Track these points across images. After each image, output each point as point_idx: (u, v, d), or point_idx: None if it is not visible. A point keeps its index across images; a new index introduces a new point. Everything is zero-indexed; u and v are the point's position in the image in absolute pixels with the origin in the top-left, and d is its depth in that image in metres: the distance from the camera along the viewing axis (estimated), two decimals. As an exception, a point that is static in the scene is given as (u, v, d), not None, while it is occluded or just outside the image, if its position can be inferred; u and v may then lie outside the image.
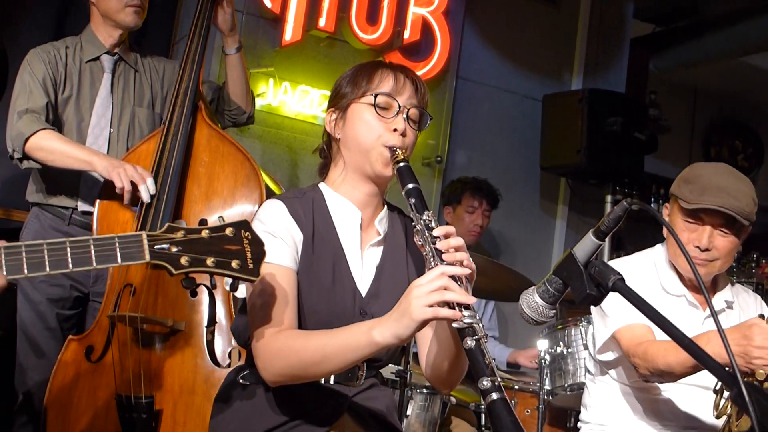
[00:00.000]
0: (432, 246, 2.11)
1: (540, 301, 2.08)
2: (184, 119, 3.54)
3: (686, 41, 7.87)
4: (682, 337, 1.76)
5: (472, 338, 1.97)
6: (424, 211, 2.20)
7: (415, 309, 1.98)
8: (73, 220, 3.72)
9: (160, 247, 1.91)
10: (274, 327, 2.20)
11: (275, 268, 2.25)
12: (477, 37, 6.29)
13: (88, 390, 3.32)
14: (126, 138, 3.78)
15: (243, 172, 3.49)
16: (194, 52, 3.69)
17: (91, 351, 3.36)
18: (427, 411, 4.17)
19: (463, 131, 6.16)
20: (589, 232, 2.00)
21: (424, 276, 2.03)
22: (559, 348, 4.25)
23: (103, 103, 3.78)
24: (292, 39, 5.40)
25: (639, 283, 3.07)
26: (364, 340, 2.07)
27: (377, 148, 2.34)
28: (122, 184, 3.37)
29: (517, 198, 6.23)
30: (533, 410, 4.39)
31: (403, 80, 2.38)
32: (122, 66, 3.86)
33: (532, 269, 5.83)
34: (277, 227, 2.30)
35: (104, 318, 3.38)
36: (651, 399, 3.11)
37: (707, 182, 2.96)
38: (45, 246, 1.82)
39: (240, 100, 3.98)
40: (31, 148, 3.51)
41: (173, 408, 3.23)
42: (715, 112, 9.08)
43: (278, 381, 2.22)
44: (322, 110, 5.53)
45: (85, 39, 3.83)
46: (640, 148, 6.26)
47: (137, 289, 3.35)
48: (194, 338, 3.31)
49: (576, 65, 6.72)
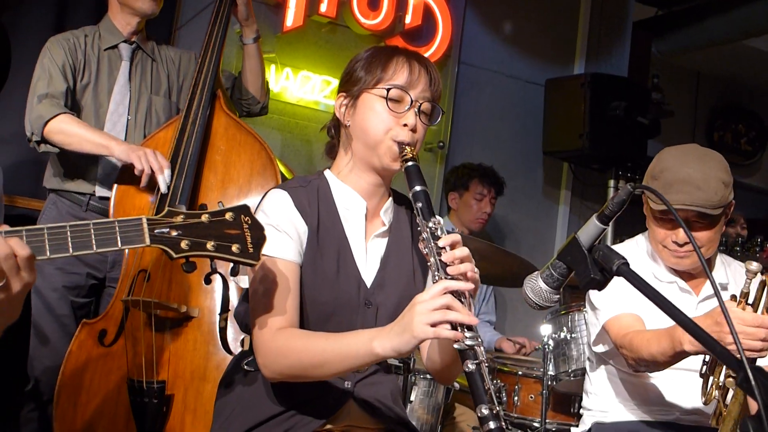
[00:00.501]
0: (437, 258, 2.10)
1: (544, 286, 2.07)
2: (203, 107, 3.58)
3: (689, 25, 7.84)
4: (686, 321, 1.75)
5: (473, 361, 1.97)
6: (431, 217, 2.17)
7: (417, 326, 1.97)
8: (91, 206, 3.76)
9: (160, 231, 1.92)
10: (275, 324, 2.20)
11: (278, 262, 2.24)
12: (479, 22, 6.27)
13: (100, 373, 3.35)
14: (143, 125, 3.82)
15: (259, 161, 3.51)
16: (214, 40, 3.74)
17: (104, 335, 3.39)
18: (431, 397, 4.17)
19: (465, 116, 6.15)
20: (592, 217, 1.99)
21: (427, 291, 2.02)
22: (563, 333, 4.26)
23: (121, 90, 3.82)
24: (293, 25, 5.38)
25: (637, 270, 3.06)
26: (363, 350, 2.07)
27: (386, 142, 2.31)
28: (142, 166, 3.41)
29: (519, 183, 6.22)
30: (537, 396, 4.39)
31: (418, 72, 2.34)
32: (140, 54, 3.91)
33: (535, 254, 5.83)
34: (281, 220, 2.28)
35: (118, 302, 3.41)
36: (651, 386, 3.10)
37: (672, 177, 2.93)
38: (45, 230, 1.82)
39: (255, 90, 4.04)
40: (50, 131, 3.54)
41: (184, 393, 3.26)
42: (717, 95, 9.06)
43: (277, 379, 2.23)
44: (324, 96, 5.52)
45: (103, 28, 3.87)
46: (642, 133, 6.24)
47: (152, 274, 3.38)
48: (207, 325, 3.34)
49: (578, 49, 6.69)
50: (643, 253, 3.18)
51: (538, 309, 2.11)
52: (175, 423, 3.24)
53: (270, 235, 2.16)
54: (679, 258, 3.02)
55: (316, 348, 2.14)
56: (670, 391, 3.08)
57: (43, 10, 5.23)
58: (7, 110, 5.17)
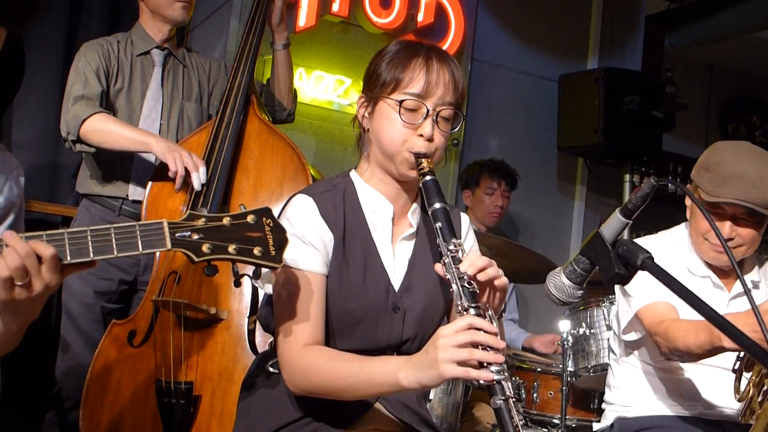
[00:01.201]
0: (459, 284, 2.06)
1: (567, 282, 2.06)
2: (236, 112, 3.60)
3: (702, 18, 7.81)
4: (713, 314, 1.74)
5: (500, 398, 1.95)
6: (451, 238, 2.14)
7: (443, 365, 1.94)
8: (124, 210, 3.78)
9: (182, 234, 1.90)
10: (300, 339, 2.18)
11: (304, 275, 2.22)
12: (491, 19, 6.25)
13: (128, 373, 3.38)
14: (176, 131, 3.84)
15: (291, 166, 3.53)
16: (250, 45, 3.77)
17: (133, 335, 3.42)
18: (450, 395, 4.16)
19: (479, 114, 6.13)
20: (615, 211, 1.98)
21: (451, 325, 1.98)
22: (582, 329, 4.23)
23: (154, 95, 3.85)
24: (306, 25, 5.37)
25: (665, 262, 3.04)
26: (389, 381, 2.06)
27: (402, 153, 2.27)
28: (176, 168, 3.42)
29: (534, 179, 6.20)
30: (556, 392, 4.38)
31: (436, 77, 2.26)
32: (171, 60, 3.94)
33: (551, 250, 5.82)
34: (306, 230, 2.25)
35: (148, 303, 3.43)
36: (675, 380, 3.09)
37: (727, 171, 2.90)
38: (66, 235, 1.81)
39: (283, 97, 4.08)
40: (87, 130, 3.55)
41: (211, 395, 3.27)
42: (731, 88, 9.02)
43: (301, 394, 2.23)
44: (337, 95, 5.51)
45: (135, 34, 3.91)
46: (657, 127, 6.22)
47: (182, 276, 3.40)
48: (235, 327, 3.35)
49: (591, 44, 6.67)
50: (677, 246, 3.16)
51: (561, 305, 2.10)
52: (202, 424, 3.25)
53: (295, 246, 2.16)
54: (718, 253, 3.00)
55: (342, 372, 2.13)
56: (693, 386, 3.06)
57: (56, 18, 5.25)
58: (22, 116, 5.20)
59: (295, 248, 2.18)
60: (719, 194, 2.89)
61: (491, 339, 1.94)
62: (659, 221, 3.21)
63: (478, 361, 1.93)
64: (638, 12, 6.94)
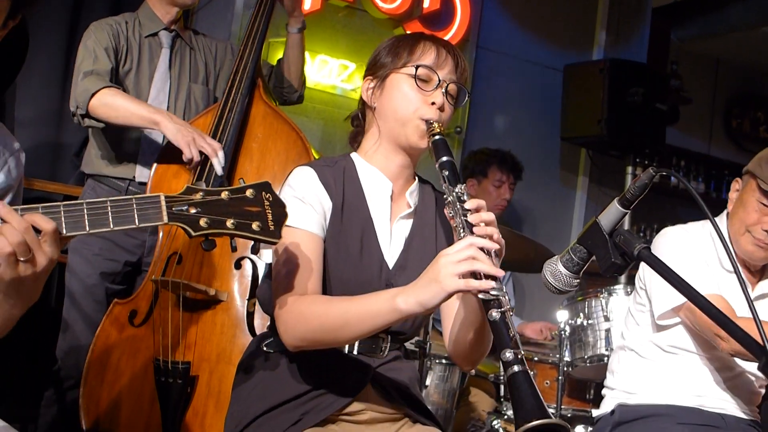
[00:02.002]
0: (462, 218, 2.09)
1: (564, 270, 2.05)
2: (242, 95, 3.59)
3: (708, 11, 7.79)
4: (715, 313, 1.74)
5: (498, 310, 1.95)
6: (456, 183, 2.17)
7: (445, 278, 1.96)
8: (130, 192, 3.75)
9: (179, 208, 1.88)
10: (297, 293, 2.19)
11: (302, 233, 2.24)
12: (497, 7, 6.24)
13: (128, 353, 3.38)
14: (183, 113, 3.81)
15: (295, 150, 3.52)
16: (257, 28, 3.75)
17: (134, 315, 3.42)
18: (446, 381, 4.18)
19: (483, 101, 6.12)
20: (614, 200, 1.97)
21: (453, 246, 2.01)
22: (579, 320, 4.24)
23: (162, 77, 3.82)
24: (311, 8, 5.36)
25: (702, 253, 3.04)
26: (386, 307, 2.05)
27: (414, 120, 2.32)
28: (191, 155, 3.39)
29: (537, 169, 6.19)
30: (553, 382, 4.39)
31: (445, 55, 2.36)
32: (179, 42, 3.91)
33: (552, 240, 5.81)
34: (307, 193, 2.29)
35: (149, 283, 3.43)
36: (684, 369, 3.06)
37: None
38: (62, 207, 1.79)
39: (294, 79, 4.06)
40: (96, 104, 3.52)
41: (209, 376, 3.28)
42: (737, 83, 8.99)
43: (299, 346, 2.21)
44: (341, 80, 5.51)
45: (142, 15, 3.88)
46: (661, 119, 6.22)
47: (183, 256, 3.40)
48: (235, 309, 3.35)
49: (597, 35, 6.66)
50: (708, 237, 3.12)
51: (557, 293, 2.09)
52: (199, 404, 3.26)
53: (295, 206, 2.18)
54: (758, 247, 2.98)
55: (338, 309, 2.13)
56: (701, 376, 3.05)
57: (59, 0, 5.26)
58: (25, 95, 5.20)
59: (295, 208, 2.21)
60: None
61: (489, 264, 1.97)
62: (661, 213, 3.19)
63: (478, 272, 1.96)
64: (645, 4, 6.93)
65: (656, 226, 7.10)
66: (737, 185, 3.11)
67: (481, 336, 2.23)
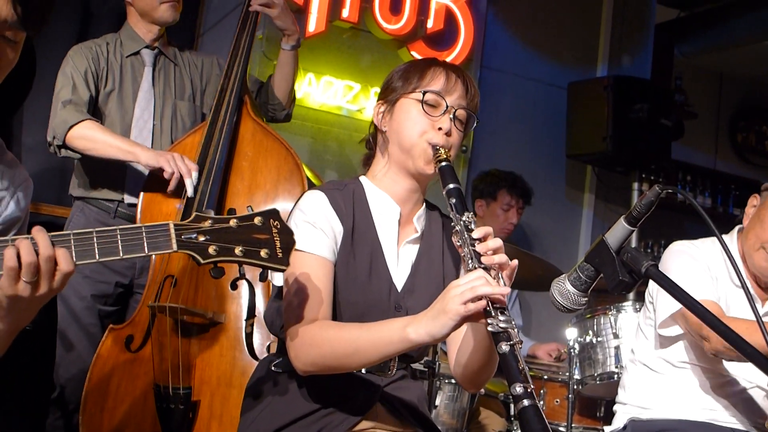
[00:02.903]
0: (471, 248, 2.10)
1: (572, 289, 2.06)
2: (230, 113, 3.57)
3: (711, 26, 7.80)
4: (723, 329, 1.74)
5: (507, 343, 1.97)
6: (464, 211, 2.19)
7: (454, 310, 1.98)
8: (119, 213, 3.75)
9: (188, 236, 1.89)
10: (309, 318, 2.20)
11: (313, 258, 2.26)
12: (501, 26, 6.26)
13: (126, 379, 3.36)
14: (170, 131, 3.82)
15: (286, 167, 3.50)
16: (242, 46, 3.74)
17: (131, 341, 3.40)
18: (456, 401, 4.17)
19: (488, 120, 6.13)
20: (620, 218, 1.98)
21: (463, 277, 2.03)
22: (589, 337, 4.23)
23: (146, 96, 3.81)
24: (315, 30, 5.38)
25: (714, 269, 3.04)
26: (397, 336, 2.08)
27: (421, 145, 2.34)
28: (171, 169, 3.39)
29: (542, 186, 6.19)
30: (563, 400, 4.38)
31: (455, 80, 2.38)
32: (162, 60, 3.91)
33: (559, 258, 5.81)
34: (318, 218, 2.30)
35: (145, 308, 3.41)
36: (697, 384, 3.06)
37: None
38: (72, 236, 1.81)
39: (283, 97, 4.03)
40: (73, 136, 3.52)
41: (210, 400, 3.26)
42: (741, 97, 9.00)
43: (309, 371, 2.22)
44: (346, 101, 5.52)
45: (124, 35, 3.88)
46: (666, 135, 6.21)
47: (178, 280, 3.38)
48: (233, 331, 3.33)
49: (601, 52, 6.66)
50: (719, 253, 3.11)
51: (565, 312, 2.10)
52: (201, 429, 3.24)
53: (307, 231, 2.21)
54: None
55: (349, 336, 2.15)
56: (712, 391, 3.05)
57: (67, 22, 5.28)
58: (33, 119, 5.22)
59: (306, 233, 2.24)
60: None
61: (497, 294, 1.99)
62: (668, 229, 3.19)
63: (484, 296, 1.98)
64: (648, 20, 6.94)
65: (663, 242, 7.08)
66: (755, 201, 3.11)
67: (489, 360, 2.24)
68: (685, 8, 7.92)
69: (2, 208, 2.06)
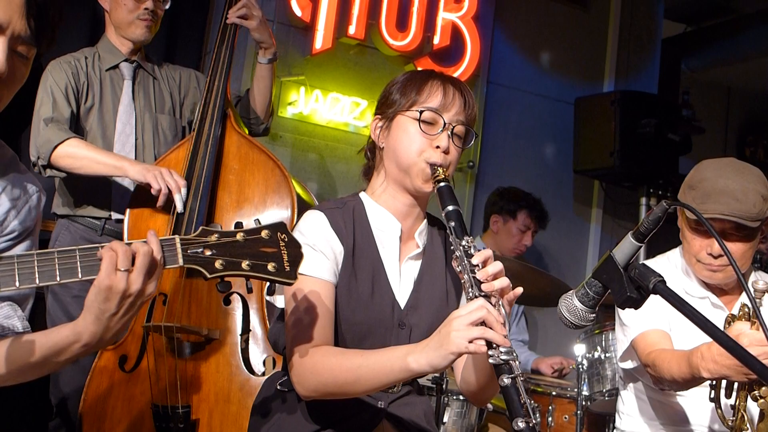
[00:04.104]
0: (471, 275, 2.08)
1: (580, 305, 2.05)
2: (214, 127, 3.54)
3: (718, 40, 7.80)
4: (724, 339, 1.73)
5: (508, 376, 1.96)
6: (463, 235, 2.17)
7: (454, 341, 1.97)
8: (107, 230, 3.70)
9: (194, 251, 1.86)
10: (310, 343, 2.20)
11: (314, 282, 2.25)
12: (507, 42, 6.27)
13: (122, 399, 3.33)
14: (152, 145, 3.78)
15: (274, 179, 3.48)
16: (222, 60, 3.71)
17: (125, 360, 3.37)
18: (464, 418, 4.14)
19: (495, 136, 6.14)
20: (628, 234, 1.97)
21: (463, 308, 2.01)
22: (597, 353, 4.21)
23: (126, 110, 3.78)
24: (322, 47, 5.40)
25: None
26: (398, 366, 2.07)
27: (419, 164, 2.32)
28: (159, 186, 3.36)
29: (550, 202, 6.17)
30: (571, 416, 4.35)
31: (452, 95, 2.35)
32: (141, 73, 3.87)
33: (567, 273, 5.80)
34: (318, 240, 2.29)
35: (138, 328, 3.37)
36: (678, 405, 3.06)
37: (710, 187, 2.88)
38: (77, 252, 1.79)
39: (261, 111, 4.00)
40: (59, 155, 3.47)
41: (209, 417, 3.23)
42: (748, 111, 8.99)
43: (312, 396, 2.22)
44: (353, 117, 5.53)
45: (102, 48, 3.84)
46: (673, 150, 6.20)
47: (170, 297, 3.35)
48: (228, 346, 3.31)
49: (607, 67, 6.67)
50: (674, 269, 3.13)
51: (573, 328, 2.09)
52: (201, 447, 3.22)
53: (307, 254, 2.17)
54: (712, 271, 2.96)
55: (351, 364, 2.14)
56: (698, 411, 3.04)
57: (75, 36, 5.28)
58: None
59: (306, 256, 2.20)
60: (703, 210, 2.84)
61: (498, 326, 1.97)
62: (676, 244, 3.18)
63: (488, 340, 1.95)
64: (655, 35, 6.94)
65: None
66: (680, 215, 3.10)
67: (491, 381, 2.22)
68: (692, 23, 7.93)
69: (11, 219, 2.06)
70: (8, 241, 2.06)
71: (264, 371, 3.23)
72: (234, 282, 1.96)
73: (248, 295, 3.27)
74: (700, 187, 2.91)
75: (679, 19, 7.82)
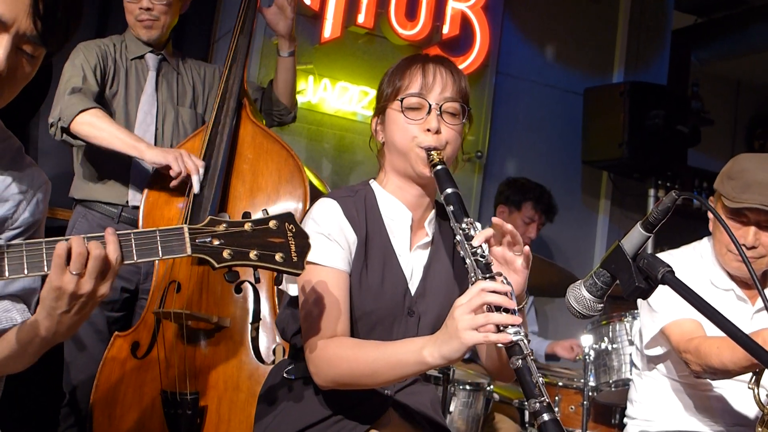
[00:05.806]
0: (471, 259, 2.09)
1: (587, 295, 2.05)
2: (229, 116, 3.55)
3: (728, 32, 7.76)
4: (735, 331, 1.73)
5: (518, 357, 1.97)
6: (462, 218, 2.17)
7: (463, 333, 1.97)
8: (123, 217, 3.71)
9: (202, 240, 1.87)
10: (326, 333, 2.21)
11: (329, 271, 2.25)
12: (516, 32, 6.25)
13: (134, 386, 3.34)
14: (171, 136, 3.79)
15: (287, 169, 3.48)
16: (238, 50, 3.71)
17: (137, 347, 3.38)
18: (470, 407, 4.15)
19: (503, 126, 6.12)
20: (637, 224, 1.97)
21: (465, 294, 2.02)
22: (604, 344, 4.22)
23: (149, 100, 3.79)
24: (331, 36, 5.39)
25: (687, 276, 3.02)
26: (414, 359, 2.08)
27: (413, 150, 2.33)
28: (179, 168, 3.37)
29: (558, 193, 6.16)
30: (578, 407, 4.36)
31: (433, 75, 2.34)
32: (165, 66, 3.89)
33: (575, 264, 5.79)
34: (332, 229, 2.29)
35: (150, 315, 3.39)
36: (700, 395, 3.07)
37: (751, 178, 2.90)
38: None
39: (287, 101, 4.01)
40: (81, 121, 3.47)
41: (218, 404, 3.24)
42: (758, 104, 8.95)
43: (329, 387, 2.24)
44: (362, 107, 5.53)
45: (128, 38, 3.86)
46: (682, 142, 6.19)
47: (183, 285, 3.36)
48: (239, 334, 3.31)
49: (617, 58, 6.65)
50: (700, 259, 3.14)
51: (581, 318, 2.09)
52: (209, 433, 3.23)
53: (321, 243, 2.18)
54: (741, 263, 2.97)
55: (367, 358, 2.15)
56: (716, 401, 3.05)
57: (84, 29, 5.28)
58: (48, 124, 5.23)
59: (321, 245, 2.22)
60: (742, 200, 2.89)
61: (502, 299, 1.98)
62: (684, 236, 3.18)
63: (496, 324, 1.96)
64: (665, 26, 6.92)
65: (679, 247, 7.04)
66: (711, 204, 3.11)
67: None
68: (703, 14, 7.89)
69: (21, 211, 2.06)
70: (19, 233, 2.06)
71: (274, 360, 3.24)
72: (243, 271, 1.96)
73: (258, 284, 3.27)
74: (740, 177, 2.92)
75: (689, 11, 7.78)
